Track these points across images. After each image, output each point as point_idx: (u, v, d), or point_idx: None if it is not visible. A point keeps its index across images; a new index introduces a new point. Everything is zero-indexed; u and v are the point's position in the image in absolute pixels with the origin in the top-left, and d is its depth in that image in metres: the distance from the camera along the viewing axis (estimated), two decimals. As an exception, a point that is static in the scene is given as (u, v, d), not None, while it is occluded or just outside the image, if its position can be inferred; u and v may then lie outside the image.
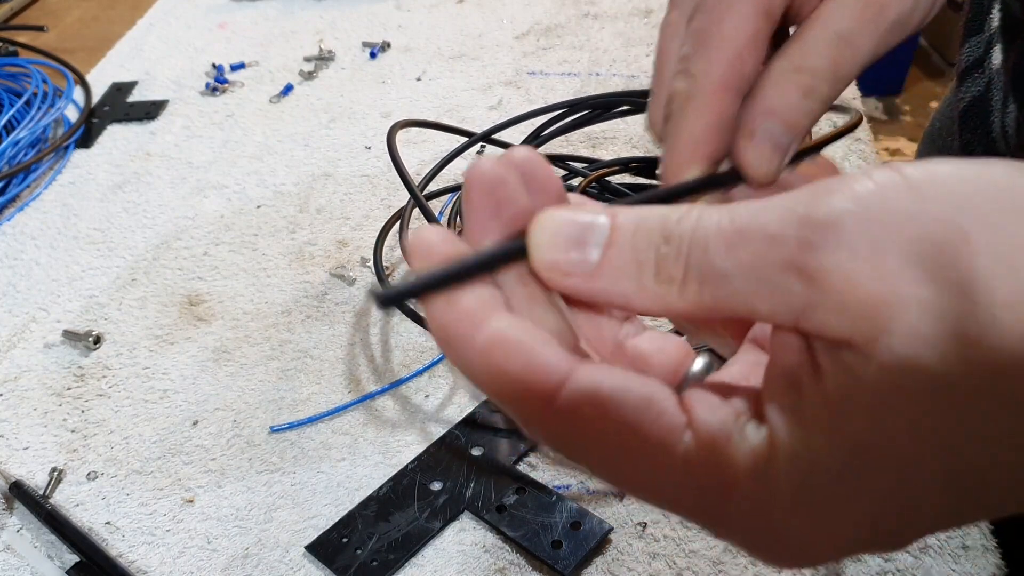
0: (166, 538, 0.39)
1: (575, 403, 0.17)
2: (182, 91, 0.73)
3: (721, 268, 0.17)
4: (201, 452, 0.43)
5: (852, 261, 0.15)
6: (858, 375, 0.15)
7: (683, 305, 0.17)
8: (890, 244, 0.15)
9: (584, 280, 0.18)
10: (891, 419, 0.15)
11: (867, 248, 0.15)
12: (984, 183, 0.15)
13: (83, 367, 0.49)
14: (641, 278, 0.17)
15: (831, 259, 0.15)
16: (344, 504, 0.40)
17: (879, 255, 0.15)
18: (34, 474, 0.43)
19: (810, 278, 0.16)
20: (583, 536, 0.36)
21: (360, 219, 0.57)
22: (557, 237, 0.18)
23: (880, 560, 0.35)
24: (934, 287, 0.15)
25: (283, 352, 0.48)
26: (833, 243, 0.15)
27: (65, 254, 0.57)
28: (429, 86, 0.71)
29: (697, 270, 0.17)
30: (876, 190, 0.16)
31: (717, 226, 0.17)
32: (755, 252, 0.16)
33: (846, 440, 0.15)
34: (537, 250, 0.18)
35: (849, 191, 0.16)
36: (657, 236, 0.17)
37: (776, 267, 0.16)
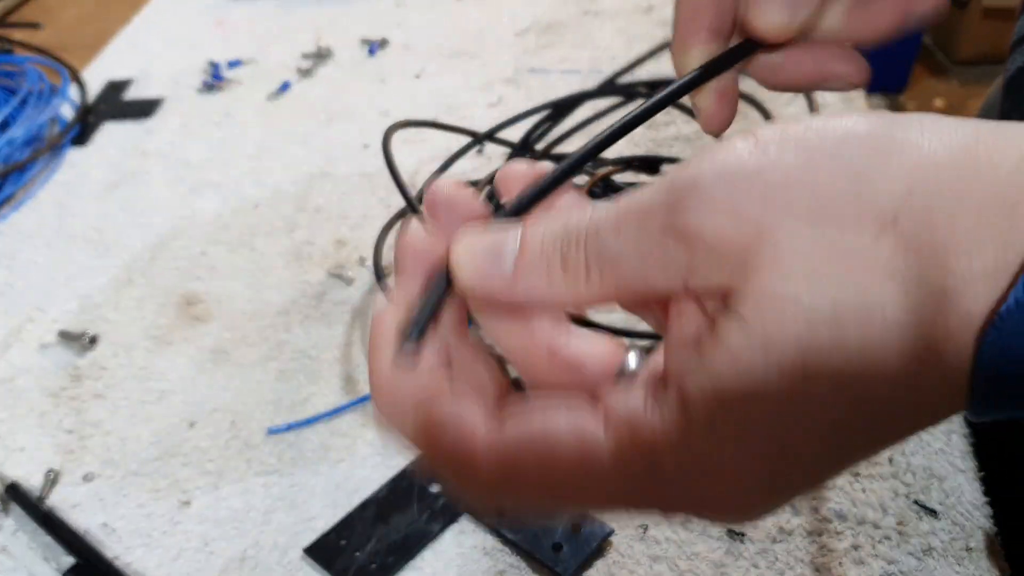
0: (163, 540, 0.39)
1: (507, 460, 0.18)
2: (178, 89, 0.73)
3: (613, 249, 0.18)
4: (198, 453, 0.43)
5: (713, 214, 0.17)
6: (743, 316, 0.17)
7: (591, 294, 0.19)
8: (746, 194, 0.17)
9: (503, 287, 0.19)
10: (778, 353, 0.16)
11: (725, 200, 0.17)
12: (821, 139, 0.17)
13: (79, 368, 0.48)
14: (551, 275, 0.19)
15: (695, 216, 0.17)
16: (343, 506, 0.39)
17: (738, 205, 0.17)
18: (30, 475, 0.43)
19: (683, 238, 0.17)
20: (584, 539, 0.36)
21: (359, 218, 0.57)
22: (475, 252, 0.20)
23: (884, 563, 0.35)
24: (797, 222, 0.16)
25: (281, 352, 0.48)
26: (696, 201, 0.17)
27: (61, 254, 0.57)
28: (428, 84, 0.70)
29: (595, 257, 0.18)
30: (730, 153, 0.18)
31: (605, 214, 0.19)
32: (636, 226, 0.18)
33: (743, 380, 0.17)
34: (459, 269, 0.20)
35: (708, 157, 0.18)
36: (560, 234, 0.19)
37: (655, 236, 0.18)
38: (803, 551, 0.35)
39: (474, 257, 0.20)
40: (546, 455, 0.18)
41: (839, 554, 0.35)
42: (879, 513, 0.36)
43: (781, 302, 0.16)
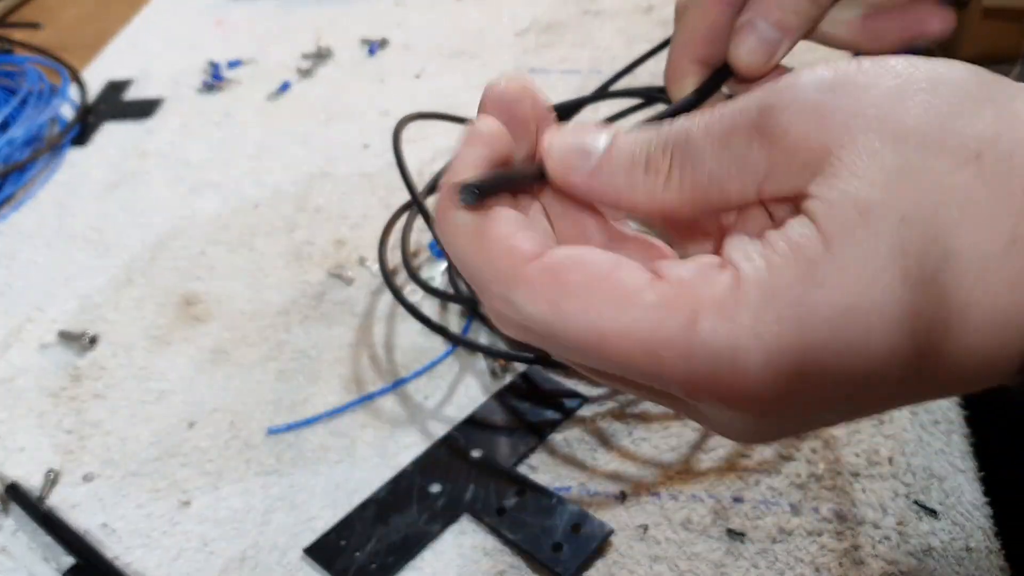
0: (163, 540, 0.39)
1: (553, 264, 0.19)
2: (178, 89, 0.73)
3: (698, 149, 0.19)
4: (198, 454, 0.43)
5: (802, 116, 0.18)
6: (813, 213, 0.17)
7: (668, 195, 0.19)
8: (839, 101, 0.17)
9: (585, 177, 0.20)
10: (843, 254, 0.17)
11: (817, 105, 0.18)
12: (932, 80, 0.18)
13: (79, 368, 0.48)
14: (632, 175, 0.20)
15: (783, 116, 0.18)
16: (342, 506, 0.39)
17: (828, 110, 0.17)
18: (30, 476, 0.43)
19: (768, 138, 0.18)
20: (584, 539, 0.36)
21: (358, 218, 0.57)
22: (565, 144, 0.21)
23: (884, 563, 0.35)
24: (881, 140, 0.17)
25: (281, 353, 0.48)
26: (787, 102, 0.18)
27: (61, 254, 0.57)
28: (428, 84, 0.70)
29: (679, 157, 0.19)
30: (828, 67, 0.18)
31: (700, 117, 0.19)
32: (726, 128, 0.19)
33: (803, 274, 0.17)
34: (547, 157, 0.21)
35: (810, 68, 0.19)
36: (651, 139, 0.20)
37: (741, 135, 0.18)
38: (803, 551, 0.35)
39: (563, 148, 0.21)
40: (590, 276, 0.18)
41: (839, 554, 0.35)
42: (879, 513, 0.36)
43: (851, 206, 0.17)
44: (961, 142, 0.17)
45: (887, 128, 0.17)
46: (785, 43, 0.27)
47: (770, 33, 0.26)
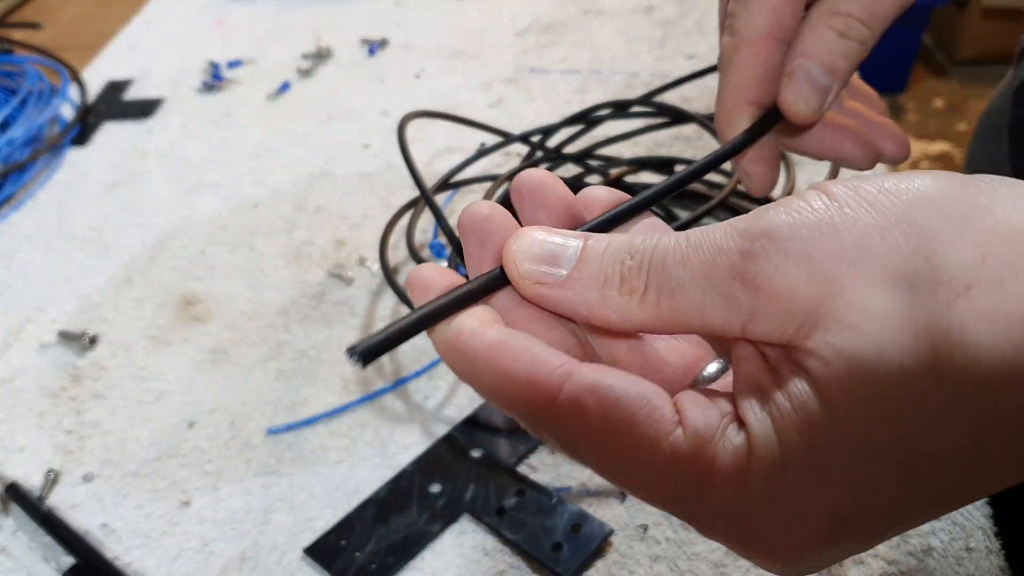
0: (162, 540, 0.39)
1: (576, 398, 0.18)
2: (178, 89, 0.73)
3: (677, 278, 0.18)
4: (198, 454, 0.43)
5: (786, 266, 0.17)
6: (812, 374, 0.17)
7: (643, 316, 0.19)
8: (821, 249, 0.17)
9: (553, 289, 0.20)
10: (843, 411, 0.16)
11: (799, 254, 0.17)
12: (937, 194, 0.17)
13: (79, 368, 0.48)
14: (605, 289, 0.19)
15: (768, 265, 0.17)
16: (342, 507, 0.39)
17: (812, 260, 0.17)
18: (30, 476, 0.43)
19: (751, 285, 0.17)
20: (584, 539, 0.36)
21: (358, 218, 0.57)
22: (532, 250, 0.20)
23: (884, 563, 0.35)
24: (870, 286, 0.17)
25: (280, 353, 0.48)
26: (769, 251, 0.17)
27: (61, 254, 0.57)
28: (428, 84, 0.70)
29: (656, 281, 0.19)
30: (805, 207, 0.18)
31: (675, 243, 0.19)
32: (705, 262, 0.18)
33: (807, 436, 0.17)
34: (513, 260, 0.20)
35: (783, 209, 0.18)
36: (624, 253, 0.19)
37: (723, 274, 0.18)
38: (803, 551, 0.35)
39: (531, 255, 0.20)
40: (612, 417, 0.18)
41: (839, 554, 0.35)
42: (879, 513, 0.36)
43: (847, 364, 0.16)
44: (950, 276, 0.16)
45: (873, 273, 0.17)
46: (835, 87, 0.26)
47: (821, 77, 0.26)
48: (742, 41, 0.26)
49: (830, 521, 0.17)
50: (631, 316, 0.19)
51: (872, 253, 0.17)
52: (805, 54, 0.26)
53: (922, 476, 0.17)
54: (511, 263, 0.20)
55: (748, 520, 0.18)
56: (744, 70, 0.27)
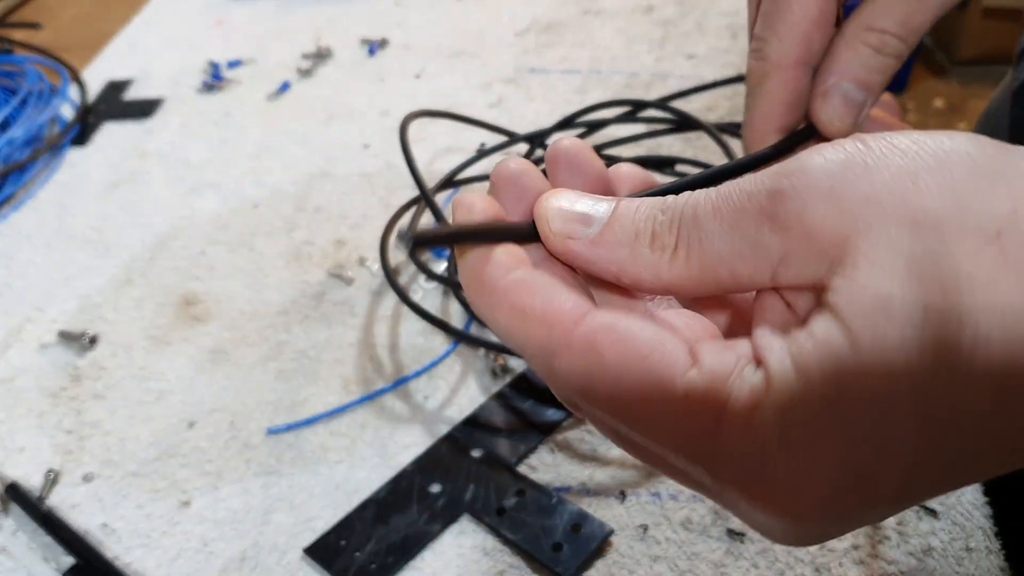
0: (162, 540, 0.39)
1: (592, 335, 0.18)
2: (178, 89, 0.73)
3: (707, 230, 0.18)
4: (198, 454, 0.43)
5: (815, 204, 0.17)
6: (837, 310, 0.17)
7: (673, 274, 0.19)
8: (851, 188, 0.17)
9: (584, 246, 0.20)
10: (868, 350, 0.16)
11: (829, 192, 0.17)
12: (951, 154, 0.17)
13: (79, 368, 0.48)
14: (636, 246, 0.19)
15: (796, 203, 0.17)
16: (342, 506, 0.39)
17: (842, 198, 0.17)
18: (30, 476, 0.43)
19: (781, 225, 0.17)
20: (584, 539, 0.36)
21: (358, 218, 0.57)
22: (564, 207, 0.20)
23: (884, 563, 0.35)
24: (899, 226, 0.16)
25: (280, 353, 0.48)
26: (798, 189, 0.17)
27: (61, 254, 0.57)
28: (428, 84, 0.70)
29: (687, 235, 0.19)
30: (838, 150, 0.18)
31: (705, 196, 0.19)
32: (734, 209, 0.18)
33: (829, 373, 0.16)
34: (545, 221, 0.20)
35: (816, 152, 0.18)
36: (656, 209, 0.19)
37: (751, 219, 0.18)
38: (803, 551, 0.35)
39: (563, 212, 0.20)
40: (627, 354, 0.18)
41: (839, 554, 0.35)
42: (879, 513, 0.36)
43: (873, 300, 0.16)
44: (979, 223, 0.16)
45: (903, 213, 0.17)
46: (870, 102, 0.26)
47: (856, 94, 0.25)
48: (772, 67, 0.26)
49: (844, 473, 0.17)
50: (661, 274, 0.19)
51: (903, 195, 0.17)
52: (840, 72, 0.25)
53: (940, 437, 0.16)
54: (543, 219, 0.20)
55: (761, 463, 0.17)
56: (774, 97, 0.26)
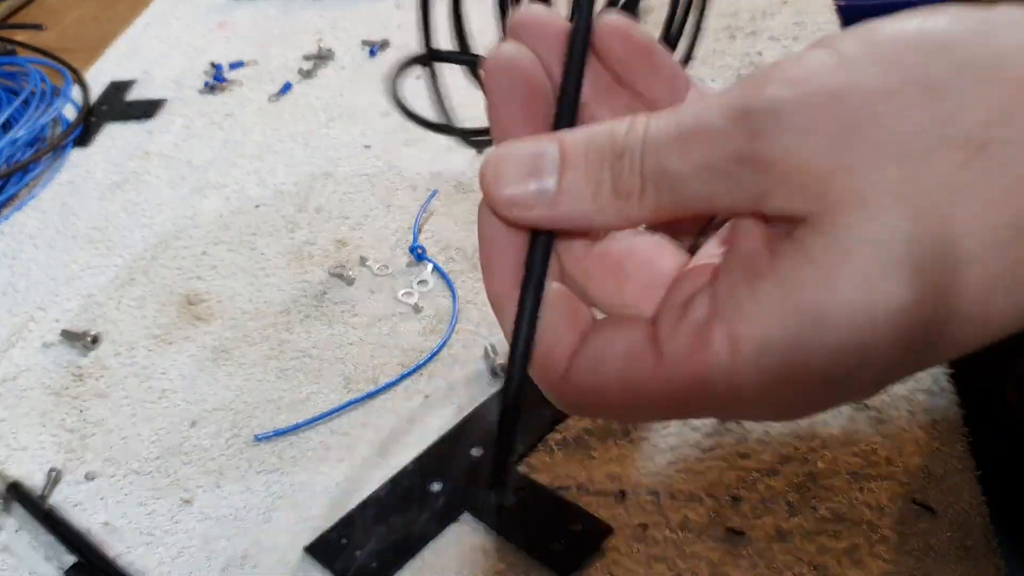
0: (164, 539, 0.39)
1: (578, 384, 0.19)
2: (181, 90, 0.73)
3: (677, 171, 0.17)
4: (199, 452, 0.43)
5: (796, 142, 0.16)
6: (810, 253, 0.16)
7: (644, 214, 0.18)
8: (829, 121, 0.16)
9: (547, 209, 0.18)
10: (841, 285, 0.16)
11: (808, 128, 0.16)
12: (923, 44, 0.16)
13: (81, 367, 0.49)
14: (600, 197, 0.18)
15: (776, 144, 0.16)
16: (343, 505, 0.39)
17: (821, 133, 0.16)
18: (32, 474, 0.43)
19: (761, 164, 0.16)
20: (583, 538, 0.36)
21: (359, 218, 0.57)
22: (510, 169, 0.18)
23: (882, 563, 0.35)
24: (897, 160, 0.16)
25: (282, 352, 0.48)
26: (776, 128, 0.16)
27: (63, 253, 0.57)
28: (428, 84, 0.70)
29: (653, 179, 0.18)
30: (808, 70, 0.17)
31: (665, 132, 0.17)
32: (706, 150, 0.17)
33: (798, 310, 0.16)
34: (493, 187, 0.19)
35: (783, 74, 0.17)
36: (608, 153, 0.18)
37: (728, 160, 0.17)
38: (803, 551, 0.35)
39: (510, 172, 0.18)
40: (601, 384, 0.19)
41: (838, 554, 0.35)
42: (877, 513, 0.36)
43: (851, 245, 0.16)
44: (963, 134, 0.15)
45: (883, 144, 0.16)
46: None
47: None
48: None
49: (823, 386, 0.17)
50: (631, 216, 0.18)
51: (883, 121, 0.16)
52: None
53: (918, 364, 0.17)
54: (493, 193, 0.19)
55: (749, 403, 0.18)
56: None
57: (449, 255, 0.53)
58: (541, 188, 0.18)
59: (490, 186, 0.19)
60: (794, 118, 0.16)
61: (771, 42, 0.68)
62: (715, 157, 0.17)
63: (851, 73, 0.16)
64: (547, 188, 0.18)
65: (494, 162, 0.19)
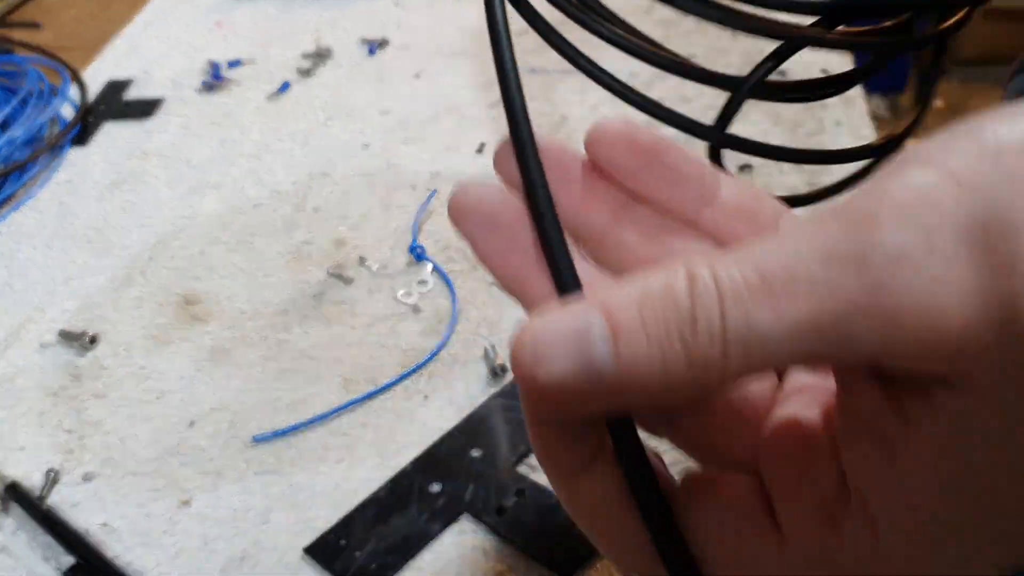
0: (163, 540, 0.39)
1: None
2: (179, 89, 0.73)
3: (767, 331, 0.14)
4: (198, 453, 0.43)
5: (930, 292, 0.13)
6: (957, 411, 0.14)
7: (726, 381, 0.15)
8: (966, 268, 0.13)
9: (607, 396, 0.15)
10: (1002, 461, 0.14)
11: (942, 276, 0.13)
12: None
13: (79, 367, 0.48)
14: (671, 373, 0.15)
15: (905, 297, 0.14)
16: (342, 506, 0.39)
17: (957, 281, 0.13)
18: (30, 475, 0.43)
19: (885, 320, 0.14)
20: (584, 538, 0.36)
21: (358, 218, 0.57)
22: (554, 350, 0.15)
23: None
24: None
25: (280, 352, 0.48)
26: (903, 278, 0.13)
27: (61, 253, 0.57)
28: (428, 84, 0.70)
29: (738, 342, 0.14)
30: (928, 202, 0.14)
31: (746, 285, 0.14)
32: (805, 306, 0.14)
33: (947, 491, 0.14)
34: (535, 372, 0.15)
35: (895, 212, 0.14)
36: (673, 317, 0.15)
37: (839, 316, 0.14)
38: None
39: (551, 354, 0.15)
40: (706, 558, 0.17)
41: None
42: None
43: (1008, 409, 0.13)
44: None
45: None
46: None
47: None
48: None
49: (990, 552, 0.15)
50: (710, 386, 0.15)
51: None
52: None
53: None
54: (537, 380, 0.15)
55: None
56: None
57: (449, 255, 0.53)
58: (595, 369, 0.15)
59: (531, 372, 0.15)
60: (924, 265, 0.13)
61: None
62: (821, 313, 0.14)
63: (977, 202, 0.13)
64: (603, 369, 0.15)
65: (529, 342, 0.15)
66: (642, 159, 0.19)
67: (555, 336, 0.15)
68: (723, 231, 0.19)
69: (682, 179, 0.19)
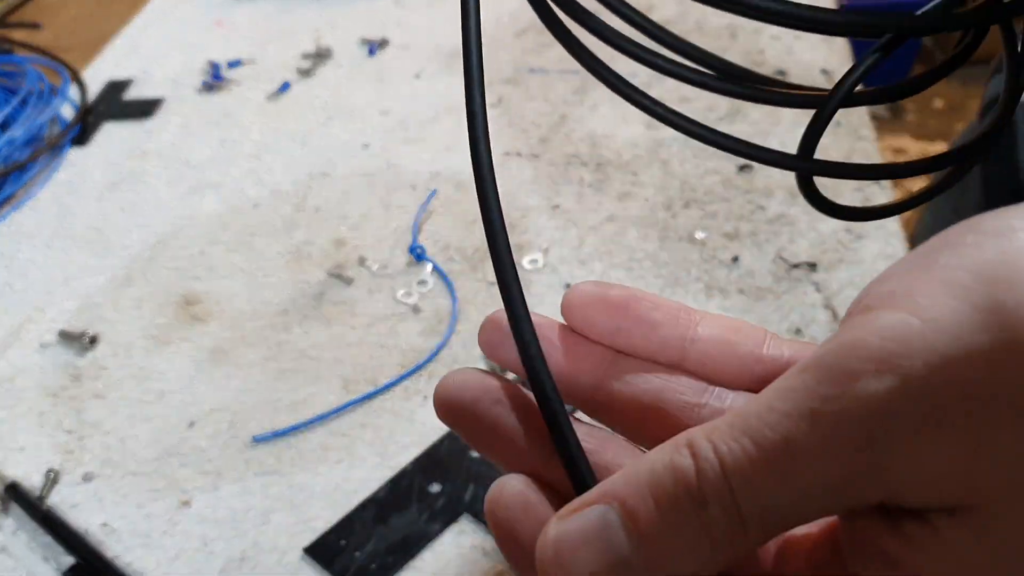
0: (162, 540, 0.39)
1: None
2: (178, 89, 0.73)
3: (781, 504, 0.15)
4: (197, 453, 0.43)
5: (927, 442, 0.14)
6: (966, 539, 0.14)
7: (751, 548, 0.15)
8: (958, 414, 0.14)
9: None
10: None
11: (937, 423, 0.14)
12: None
13: (79, 367, 0.48)
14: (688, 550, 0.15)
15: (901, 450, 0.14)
16: (342, 506, 0.39)
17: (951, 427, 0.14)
18: (30, 475, 0.43)
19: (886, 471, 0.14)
20: (583, 538, 0.36)
21: (358, 218, 0.57)
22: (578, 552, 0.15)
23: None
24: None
25: (280, 352, 0.48)
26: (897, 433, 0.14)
27: (61, 253, 0.57)
28: (428, 84, 0.70)
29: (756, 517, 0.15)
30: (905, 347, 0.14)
31: (749, 462, 0.15)
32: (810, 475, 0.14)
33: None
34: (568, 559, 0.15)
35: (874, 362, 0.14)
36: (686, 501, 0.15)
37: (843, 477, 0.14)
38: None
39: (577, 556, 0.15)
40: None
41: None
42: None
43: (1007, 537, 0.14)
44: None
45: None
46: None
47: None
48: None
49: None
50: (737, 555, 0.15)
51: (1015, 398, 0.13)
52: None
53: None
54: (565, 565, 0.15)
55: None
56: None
57: (449, 255, 0.53)
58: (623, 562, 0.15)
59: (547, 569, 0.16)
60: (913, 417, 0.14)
61: (773, 41, 0.68)
62: (826, 476, 0.14)
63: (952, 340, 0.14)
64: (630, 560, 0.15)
65: (553, 547, 0.16)
66: (617, 317, 0.19)
67: (576, 539, 0.15)
68: (708, 369, 0.19)
69: (657, 326, 0.19)
